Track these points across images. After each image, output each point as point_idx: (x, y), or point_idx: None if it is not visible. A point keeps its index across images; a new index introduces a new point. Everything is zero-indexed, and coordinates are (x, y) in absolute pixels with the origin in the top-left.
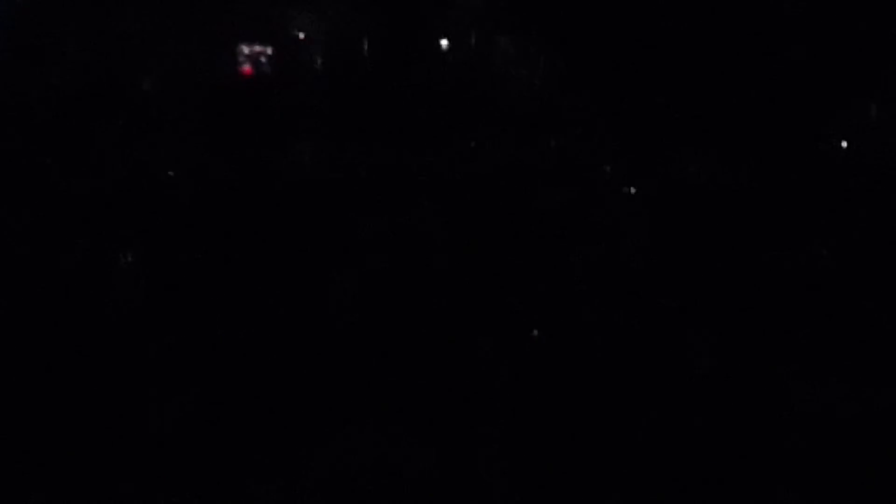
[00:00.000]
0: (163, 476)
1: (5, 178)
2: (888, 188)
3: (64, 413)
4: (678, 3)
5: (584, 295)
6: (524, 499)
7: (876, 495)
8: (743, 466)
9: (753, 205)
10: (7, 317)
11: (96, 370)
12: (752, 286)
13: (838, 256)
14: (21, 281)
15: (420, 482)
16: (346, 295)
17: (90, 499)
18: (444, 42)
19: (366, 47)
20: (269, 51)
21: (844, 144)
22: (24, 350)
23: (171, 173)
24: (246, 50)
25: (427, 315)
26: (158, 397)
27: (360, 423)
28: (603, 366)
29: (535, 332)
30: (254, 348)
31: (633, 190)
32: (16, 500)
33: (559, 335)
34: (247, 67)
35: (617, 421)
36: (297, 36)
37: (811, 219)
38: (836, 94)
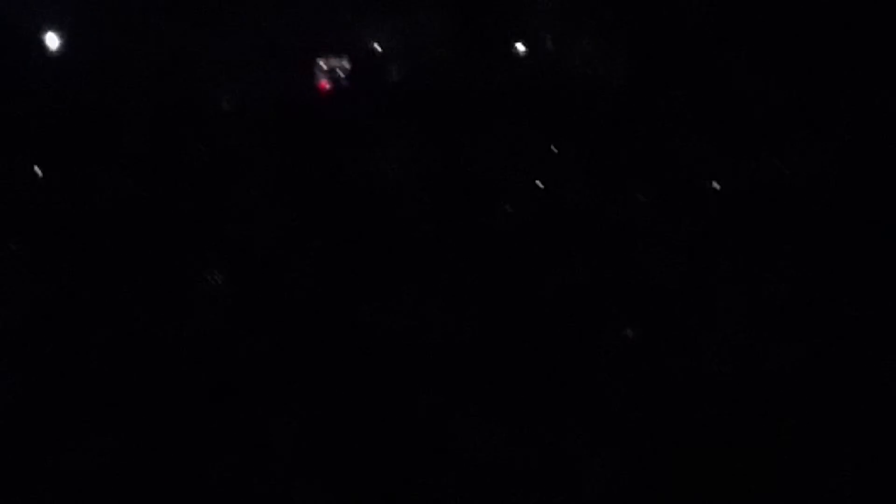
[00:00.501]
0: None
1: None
2: None
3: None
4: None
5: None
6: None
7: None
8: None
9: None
10: None
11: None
12: None
13: None
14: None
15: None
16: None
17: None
18: (520, 46)
19: (443, 57)
20: (347, 64)
21: None
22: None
23: (251, 191)
24: (324, 65)
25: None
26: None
27: None
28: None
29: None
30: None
31: (717, 186)
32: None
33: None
34: (324, 82)
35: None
36: (374, 48)
37: None
38: None
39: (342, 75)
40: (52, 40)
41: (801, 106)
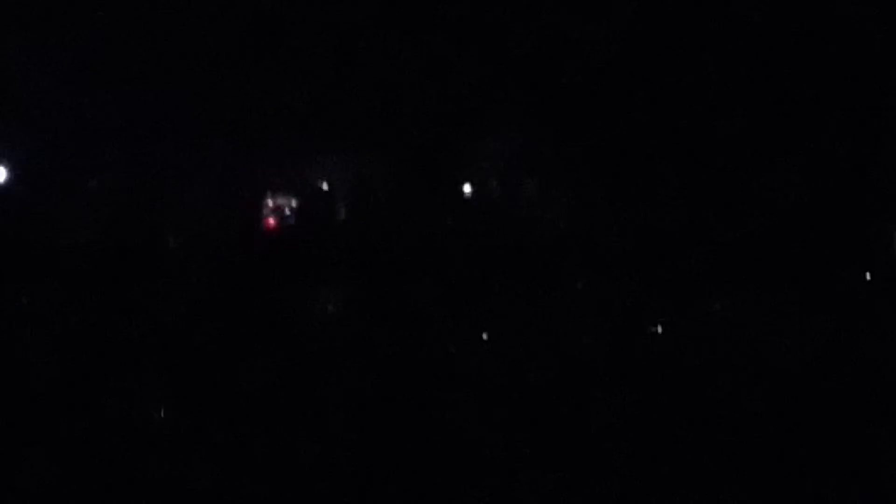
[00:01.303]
0: None
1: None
2: None
3: None
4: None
5: None
6: None
7: None
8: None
9: None
10: None
11: None
12: None
13: None
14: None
15: None
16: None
17: None
18: (466, 187)
19: (389, 196)
20: (294, 202)
21: None
22: None
23: (197, 327)
24: (270, 202)
25: None
26: None
27: None
28: None
29: None
30: None
31: (659, 329)
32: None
33: None
34: (271, 219)
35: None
36: (321, 186)
37: None
38: None
39: (289, 213)
40: None
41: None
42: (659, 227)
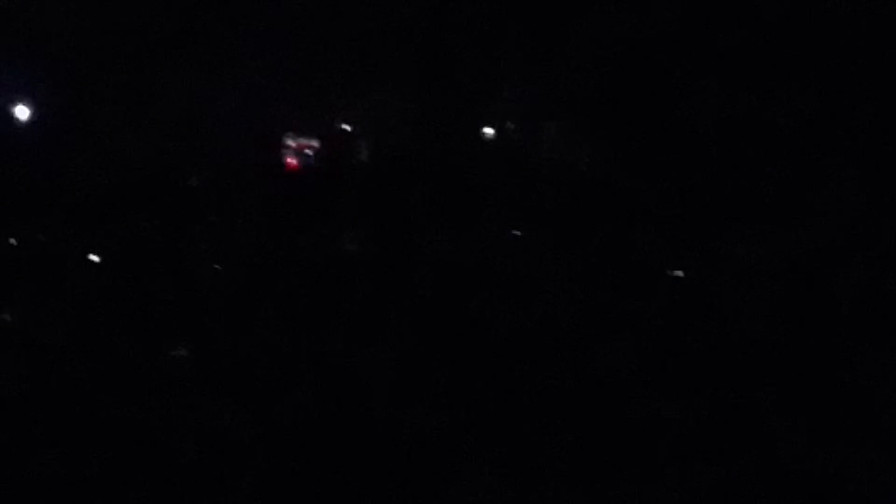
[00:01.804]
0: None
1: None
2: None
3: None
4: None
5: None
6: None
7: None
8: None
9: None
10: None
11: None
12: None
13: None
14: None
15: None
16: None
17: None
18: (488, 130)
19: (412, 138)
20: (316, 143)
21: None
22: None
23: (217, 266)
24: (292, 143)
25: None
26: None
27: None
28: None
29: None
30: None
31: (679, 273)
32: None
33: None
34: (292, 160)
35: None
36: (344, 128)
37: None
38: None
39: (310, 154)
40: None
41: (762, 195)
42: (676, 169)
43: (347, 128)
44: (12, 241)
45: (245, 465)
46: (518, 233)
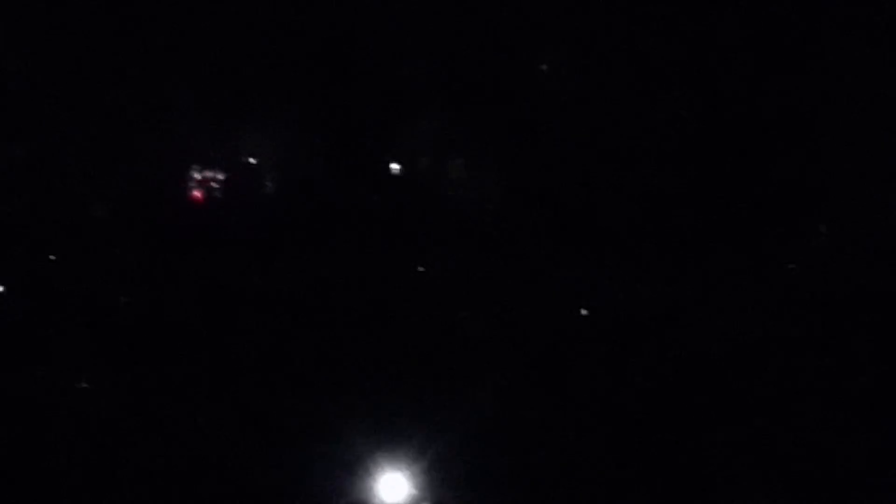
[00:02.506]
0: None
1: None
2: None
3: None
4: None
5: None
6: None
7: None
8: None
9: None
10: None
11: None
12: None
13: None
14: None
15: None
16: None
17: None
18: (394, 166)
19: (317, 172)
20: (220, 176)
21: None
22: None
23: (122, 299)
24: (197, 175)
25: None
26: None
27: None
28: None
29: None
30: None
31: (584, 312)
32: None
33: None
34: (197, 192)
35: None
36: (249, 161)
37: None
38: None
39: (215, 186)
40: None
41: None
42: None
43: (253, 161)
44: None
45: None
46: (422, 269)
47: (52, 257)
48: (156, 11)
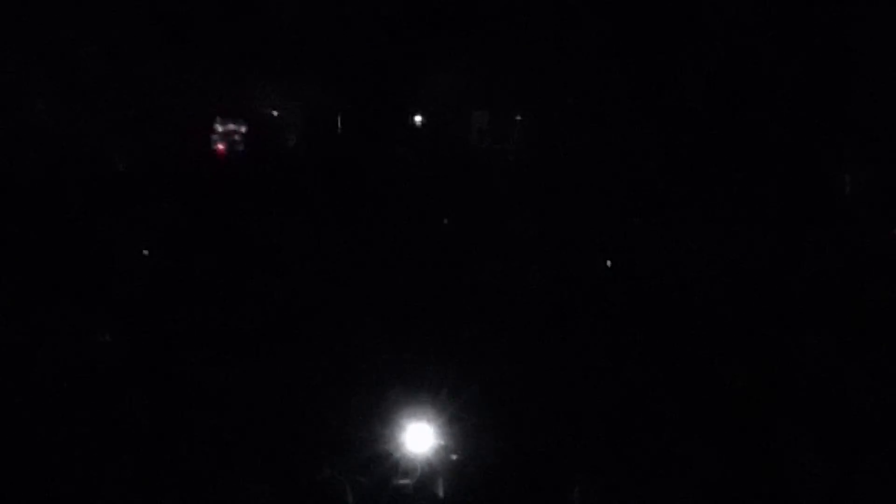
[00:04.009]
0: None
1: None
2: None
3: None
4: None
5: None
6: None
7: None
8: None
9: None
10: None
11: None
12: None
13: None
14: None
15: None
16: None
17: None
18: (417, 118)
19: (340, 125)
20: (243, 128)
21: None
22: None
23: (145, 252)
24: (220, 128)
25: None
26: None
27: None
28: None
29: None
30: None
31: (609, 263)
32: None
33: None
34: (221, 145)
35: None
36: (271, 114)
37: None
38: None
39: (238, 139)
40: None
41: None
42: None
43: (275, 113)
44: None
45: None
46: (446, 221)
47: (74, 211)
48: None
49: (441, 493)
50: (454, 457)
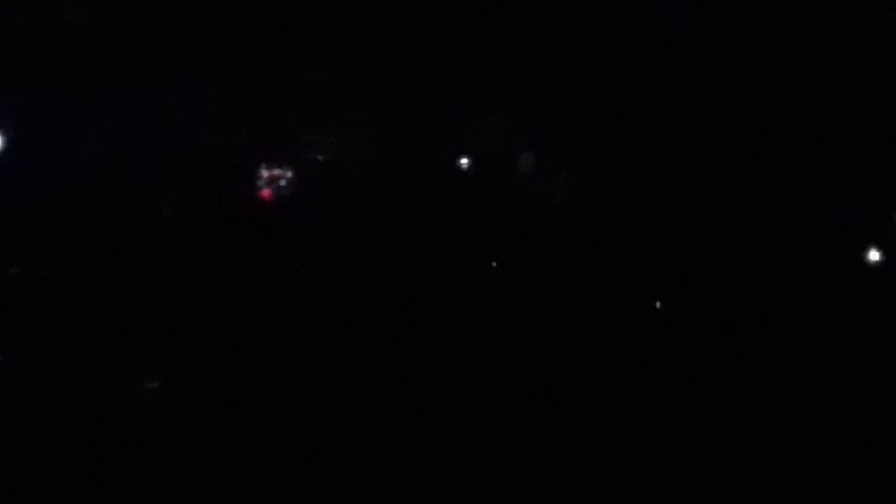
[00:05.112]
0: None
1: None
2: None
3: None
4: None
5: None
6: None
7: None
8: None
9: None
10: None
11: None
12: None
13: None
14: None
15: None
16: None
17: None
18: (464, 161)
19: (387, 168)
20: (289, 173)
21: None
22: None
23: (192, 299)
24: (265, 173)
25: None
26: None
27: None
28: None
29: None
30: None
31: (658, 305)
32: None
33: None
34: (266, 191)
35: None
36: (317, 159)
37: None
38: None
39: (283, 184)
40: None
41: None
42: (655, 204)
43: (320, 158)
44: None
45: None
46: (495, 264)
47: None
48: (224, 7)
49: None
50: None
